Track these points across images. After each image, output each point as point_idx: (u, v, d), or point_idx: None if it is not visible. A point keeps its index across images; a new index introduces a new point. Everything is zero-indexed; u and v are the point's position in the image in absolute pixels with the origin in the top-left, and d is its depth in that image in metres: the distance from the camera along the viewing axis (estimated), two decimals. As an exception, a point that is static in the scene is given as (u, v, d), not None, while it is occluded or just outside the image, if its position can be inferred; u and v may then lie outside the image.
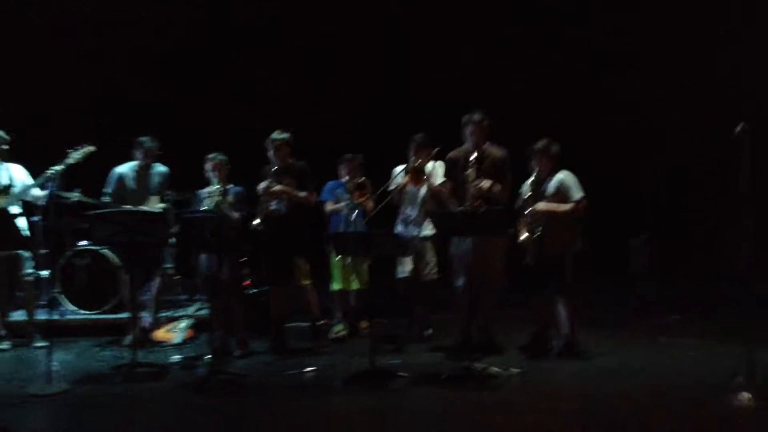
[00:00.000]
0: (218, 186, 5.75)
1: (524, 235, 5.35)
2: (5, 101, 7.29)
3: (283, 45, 8.91)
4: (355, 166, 6.28)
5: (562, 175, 5.45)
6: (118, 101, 8.48)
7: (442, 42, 8.84)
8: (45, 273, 6.81)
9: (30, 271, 6.15)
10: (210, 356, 5.23)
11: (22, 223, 6.07)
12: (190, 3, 8.73)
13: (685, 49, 8.20)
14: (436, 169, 5.95)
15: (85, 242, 6.87)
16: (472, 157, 5.39)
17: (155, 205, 6.14)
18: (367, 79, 8.91)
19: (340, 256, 6.00)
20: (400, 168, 6.09)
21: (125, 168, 6.28)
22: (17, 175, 6.04)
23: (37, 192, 6.00)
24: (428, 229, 6.01)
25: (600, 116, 8.53)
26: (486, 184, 5.36)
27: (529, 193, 5.46)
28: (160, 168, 6.34)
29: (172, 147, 6.51)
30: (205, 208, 5.62)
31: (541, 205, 5.36)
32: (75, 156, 5.80)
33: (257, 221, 5.64)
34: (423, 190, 6.01)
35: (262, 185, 5.76)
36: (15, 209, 6.00)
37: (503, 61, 8.72)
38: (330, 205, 6.33)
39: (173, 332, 6.28)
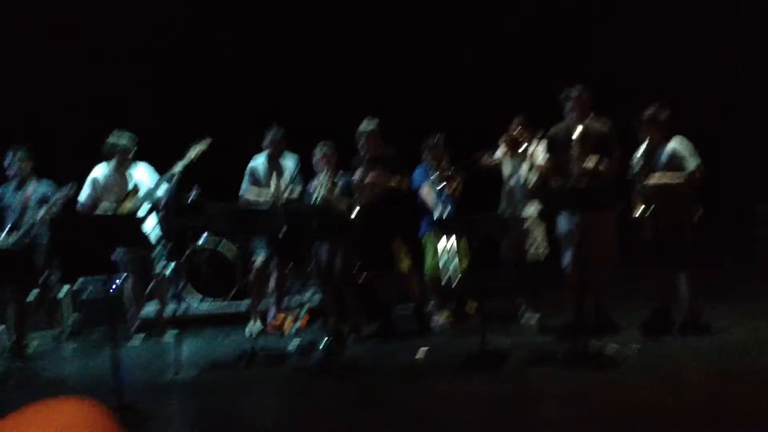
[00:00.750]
0: (327, 175, 5.88)
1: (639, 209, 5.12)
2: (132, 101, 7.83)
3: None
4: (439, 151, 6.13)
5: (675, 143, 5.17)
6: (233, 94, 8.79)
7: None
8: (170, 268, 7.24)
9: (160, 267, 6.54)
10: (325, 341, 5.39)
11: (151, 222, 6.45)
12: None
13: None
14: (537, 150, 5.82)
15: (205, 237, 7.25)
16: (575, 134, 5.20)
17: (294, 191, 6.32)
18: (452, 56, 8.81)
19: (431, 242, 6.02)
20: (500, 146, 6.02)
21: (257, 162, 6.47)
22: (143, 176, 6.38)
23: (161, 191, 6.33)
24: (532, 208, 5.90)
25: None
26: (592, 162, 5.17)
27: (641, 165, 5.22)
28: (290, 157, 6.49)
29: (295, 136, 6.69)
30: (315, 197, 5.78)
31: (655, 178, 5.11)
32: (195, 150, 5.98)
33: (356, 212, 5.73)
34: (524, 168, 5.88)
35: (356, 176, 5.86)
36: (143, 210, 6.39)
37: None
38: (426, 189, 6.26)
39: (290, 320, 6.52)
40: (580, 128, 5.20)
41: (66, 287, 6.79)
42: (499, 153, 5.95)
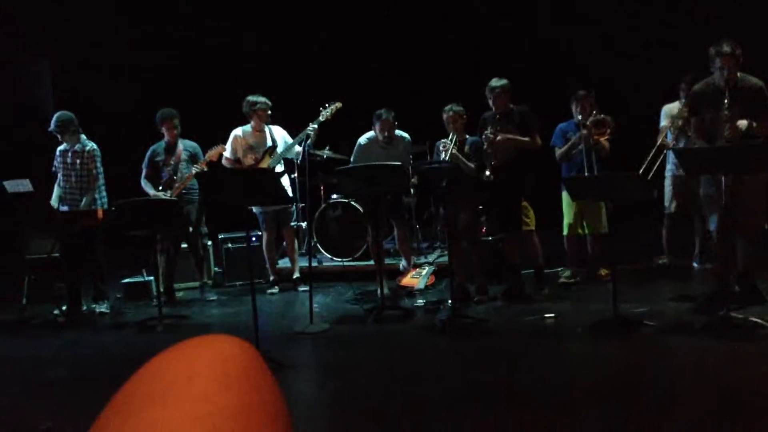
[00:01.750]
0: (454, 137, 5.86)
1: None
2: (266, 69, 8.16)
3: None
4: (590, 102, 5.98)
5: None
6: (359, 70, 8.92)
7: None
8: (303, 224, 7.58)
9: (293, 223, 6.88)
10: (451, 301, 5.42)
11: (285, 180, 6.75)
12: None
13: None
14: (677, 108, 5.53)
15: (336, 196, 7.48)
16: (725, 92, 4.82)
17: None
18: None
19: (567, 201, 5.85)
20: (671, 106, 5.81)
21: (366, 137, 6.51)
22: (279, 136, 6.72)
23: (297, 149, 6.63)
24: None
25: None
26: (743, 124, 4.76)
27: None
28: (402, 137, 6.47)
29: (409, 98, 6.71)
30: (443, 158, 5.78)
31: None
32: (325, 113, 6.20)
33: (487, 173, 5.67)
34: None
35: (485, 134, 5.76)
36: (279, 168, 6.70)
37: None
38: (559, 149, 6.14)
39: (416, 278, 6.62)
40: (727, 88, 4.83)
41: (209, 242, 7.30)
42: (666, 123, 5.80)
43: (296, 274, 6.87)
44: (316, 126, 6.08)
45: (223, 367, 0.57)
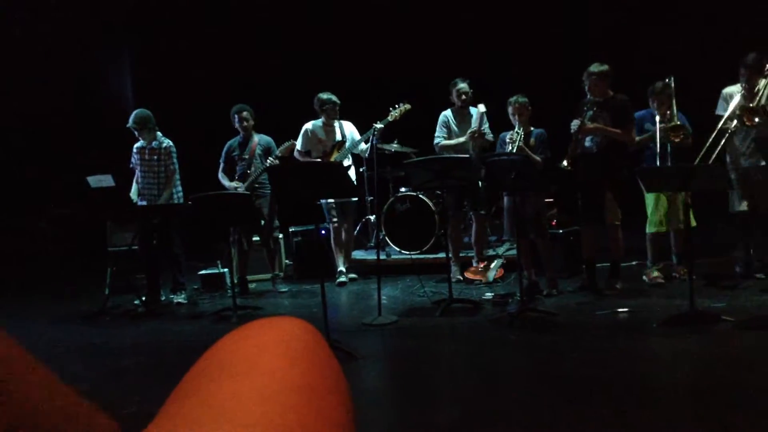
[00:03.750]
0: (520, 129, 5.79)
1: None
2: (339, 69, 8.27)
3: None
4: (668, 96, 5.78)
5: None
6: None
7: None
8: (372, 218, 7.66)
9: (368, 217, 7.02)
10: (519, 294, 5.36)
11: (351, 173, 6.86)
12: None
13: None
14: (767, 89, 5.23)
15: (404, 189, 7.51)
16: None
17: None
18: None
19: (652, 196, 5.67)
20: (730, 89, 5.53)
21: (447, 113, 6.68)
22: (348, 131, 6.88)
23: (363, 146, 6.77)
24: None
25: None
26: None
27: None
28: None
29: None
30: (511, 149, 5.73)
31: None
32: (394, 114, 6.44)
33: (565, 162, 5.56)
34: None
35: (575, 123, 5.63)
36: (347, 161, 6.81)
37: None
38: (645, 138, 5.95)
39: (485, 271, 6.58)
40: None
41: (281, 235, 7.47)
42: (728, 110, 5.53)
43: (345, 266, 7.06)
44: (381, 126, 6.27)
45: (287, 346, 0.60)
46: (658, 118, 5.76)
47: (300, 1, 9.50)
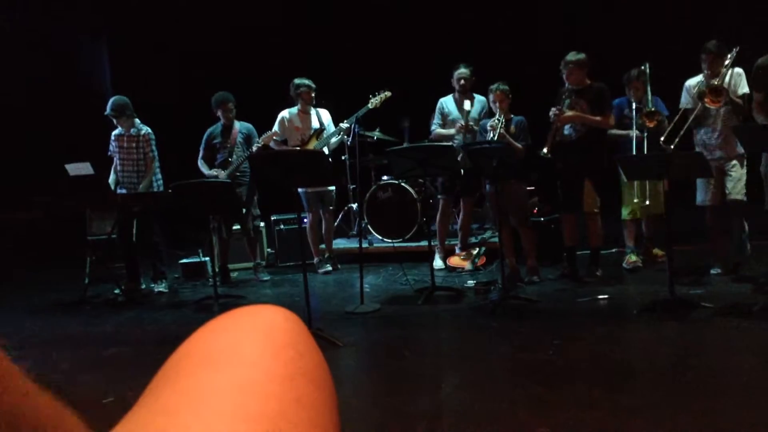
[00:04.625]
0: (501, 116, 5.80)
1: None
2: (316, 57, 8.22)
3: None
4: (642, 83, 5.80)
5: None
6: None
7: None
8: (354, 206, 7.64)
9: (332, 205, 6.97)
10: (500, 282, 5.39)
11: (329, 162, 6.81)
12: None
13: None
14: (735, 78, 5.26)
15: (386, 177, 7.49)
16: None
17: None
18: None
19: (627, 183, 5.72)
20: (693, 80, 5.53)
21: (446, 98, 6.62)
22: (326, 120, 6.81)
23: (334, 139, 6.73)
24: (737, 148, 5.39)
25: None
26: None
27: None
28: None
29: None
30: (490, 138, 5.73)
31: None
32: (374, 101, 6.40)
33: (545, 149, 5.58)
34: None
35: (553, 111, 5.64)
36: (325, 149, 6.77)
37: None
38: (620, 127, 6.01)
39: (467, 259, 6.61)
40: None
41: (262, 223, 7.43)
42: (688, 99, 5.55)
43: (326, 254, 7.05)
44: (347, 125, 6.42)
45: (269, 335, 0.59)
46: (634, 105, 5.80)
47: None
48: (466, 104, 6.25)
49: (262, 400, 0.51)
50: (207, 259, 6.89)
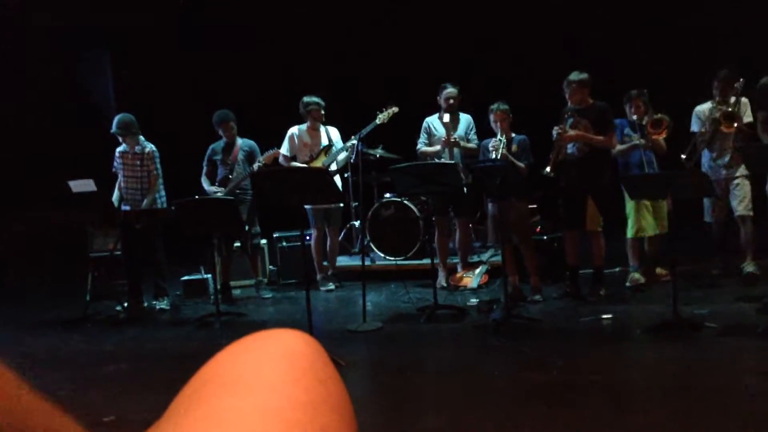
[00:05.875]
0: (502, 136, 5.80)
1: None
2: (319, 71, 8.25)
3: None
4: (643, 101, 5.82)
5: None
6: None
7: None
8: (356, 223, 7.63)
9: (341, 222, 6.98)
10: (503, 301, 5.36)
11: (336, 179, 6.82)
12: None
13: None
14: (742, 106, 5.35)
15: (389, 194, 7.49)
16: None
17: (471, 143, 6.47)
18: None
19: (633, 202, 5.71)
20: (703, 107, 5.62)
21: (432, 118, 6.63)
22: (335, 136, 6.85)
23: (342, 155, 6.74)
24: (741, 168, 5.43)
25: None
26: None
27: None
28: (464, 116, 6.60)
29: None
30: (495, 156, 5.74)
31: None
32: (382, 117, 6.43)
33: (548, 169, 5.58)
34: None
35: (555, 130, 5.65)
36: (333, 166, 6.78)
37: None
38: (624, 146, 6.01)
39: (469, 277, 6.59)
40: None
41: (264, 240, 7.42)
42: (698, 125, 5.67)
43: (329, 272, 7.05)
44: (354, 142, 6.45)
45: (290, 361, 0.58)
46: (635, 117, 5.78)
47: (285, 3, 9.43)
48: (446, 117, 6.25)
49: (285, 427, 0.51)
50: (209, 276, 6.88)
